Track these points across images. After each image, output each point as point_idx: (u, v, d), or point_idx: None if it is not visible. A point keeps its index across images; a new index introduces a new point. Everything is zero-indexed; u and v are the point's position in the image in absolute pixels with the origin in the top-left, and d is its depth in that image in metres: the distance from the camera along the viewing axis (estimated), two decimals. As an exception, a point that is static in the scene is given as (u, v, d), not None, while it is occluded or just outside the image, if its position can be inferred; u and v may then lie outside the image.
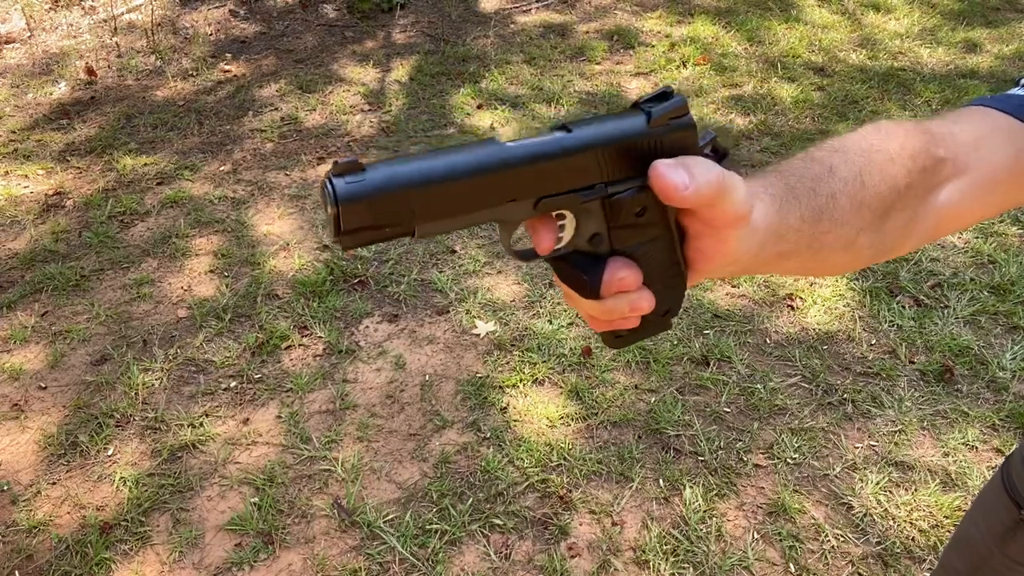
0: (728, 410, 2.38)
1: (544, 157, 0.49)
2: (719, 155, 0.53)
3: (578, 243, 0.53)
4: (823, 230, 0.57)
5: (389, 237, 0.47)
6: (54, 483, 2.18)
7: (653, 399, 2.42)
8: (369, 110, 4.14)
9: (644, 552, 1.97)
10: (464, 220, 0.48)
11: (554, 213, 0.51)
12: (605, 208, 0.52)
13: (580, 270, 0.53)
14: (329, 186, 0.44)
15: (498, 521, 2.06)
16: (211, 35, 5.01)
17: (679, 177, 0.48)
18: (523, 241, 3.01)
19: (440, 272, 2.96)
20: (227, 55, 4.75)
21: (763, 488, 2.15)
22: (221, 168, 3.64)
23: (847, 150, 0.60)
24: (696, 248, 0.54)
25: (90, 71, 4.47)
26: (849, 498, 2.11)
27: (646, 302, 0.54)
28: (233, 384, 2.50)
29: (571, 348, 2.59)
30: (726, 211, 0.50)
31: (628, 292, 0.53)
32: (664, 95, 0.53)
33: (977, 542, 1.09)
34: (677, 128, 0.52)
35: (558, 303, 2.79)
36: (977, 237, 3.10)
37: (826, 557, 1.97)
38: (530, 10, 5.35)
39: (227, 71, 4.56)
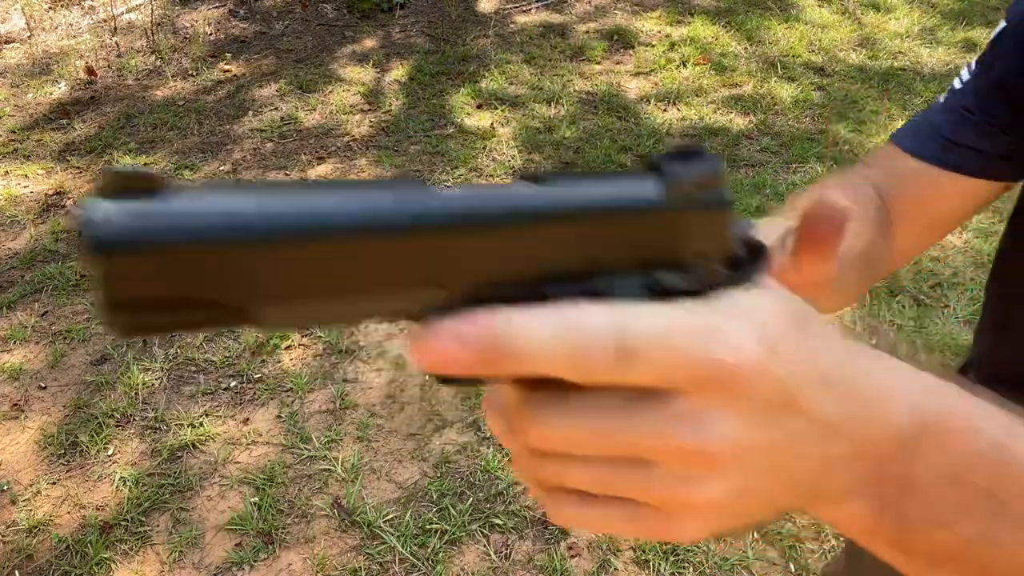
0: (728, 410, 2.38)
1: (492, 219, 0.29)
2: (755, 254, 0.34)
3: None
4: None
5: (202, 325, 0.27)
6: (54, 483, 2.18)
7: (653, 399, 2.41)
8: (369, 110, 4.14)
9: (644, 552, 1.98)
10: (346, 309, 0.28)
11: None
12: None
13: None
14: (86, 217, 0.26)
15: (498, 521, 2.06)
16: (210, 35, 5.01)
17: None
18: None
19: (440, 272, 2.96)
20: (226, 55, 4.75)
21: (763, 488, 2.15)
22: (221, 168, 3.64)
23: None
24: None
25: (90, 71, 4.47)
26: (849, 498, 2.10)
27: None
28: (233, 384, 2.50)
29: (571, 348, 2.59)
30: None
31: None
32: (690, 153, 0.33)
33: None
34: (704, 203, 0.33)
35: (558, 303, 2.79)
36: (977, 237, 3.10)
37: (826, 557, 1.97)
38: (529, 10, 5.35)
39: (226, 71, 4.56)
